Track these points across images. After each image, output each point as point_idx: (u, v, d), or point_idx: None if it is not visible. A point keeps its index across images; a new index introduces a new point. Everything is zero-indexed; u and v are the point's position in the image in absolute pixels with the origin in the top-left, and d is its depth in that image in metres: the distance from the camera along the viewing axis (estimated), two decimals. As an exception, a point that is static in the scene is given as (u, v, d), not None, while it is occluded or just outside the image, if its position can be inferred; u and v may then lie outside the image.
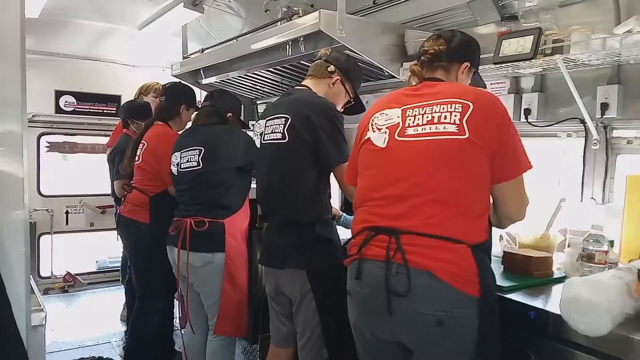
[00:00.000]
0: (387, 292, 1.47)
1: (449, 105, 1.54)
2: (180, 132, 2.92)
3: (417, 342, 1.52)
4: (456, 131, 1.50)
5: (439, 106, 1.56)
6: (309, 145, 2.05)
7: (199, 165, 2.55)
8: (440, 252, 1.45)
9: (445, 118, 1.53)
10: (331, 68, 2.23)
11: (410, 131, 1.58)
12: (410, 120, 1.59)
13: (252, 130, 2.33)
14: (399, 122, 1.62)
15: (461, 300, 1.44)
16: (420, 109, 1.59)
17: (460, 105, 1.53)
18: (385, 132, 1.63)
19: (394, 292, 1.46)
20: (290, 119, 2.09)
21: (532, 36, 1.98)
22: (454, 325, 1.44)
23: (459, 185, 1.49)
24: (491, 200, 1.61)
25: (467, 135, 1.48)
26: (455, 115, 1.51)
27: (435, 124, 1.53)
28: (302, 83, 2.28)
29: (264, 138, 2.20)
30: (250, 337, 2.75)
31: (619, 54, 1.87)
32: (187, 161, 2.60)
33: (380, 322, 1.55)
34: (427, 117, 1.56)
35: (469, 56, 1.77)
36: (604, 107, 2.07)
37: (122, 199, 3.23)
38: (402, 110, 1.63)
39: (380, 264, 1.50)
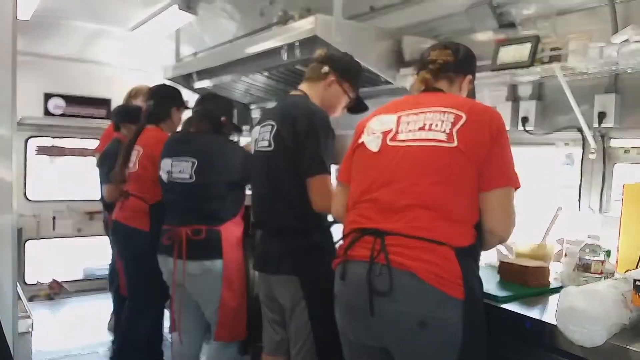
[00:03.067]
0: (370, 292, 1.47)
1: (442, 114, 1.55)
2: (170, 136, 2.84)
3: (400, 344, 1.50)
4: (445, 139, 1.51)
5: (432, 114, 1.57)
6: (294, 152, 2.00)
7: (192, 179, 2.48)
8: (422, 252, 1.45)
9: (436, 126, 1.54)
10: (325, 69, 2.15)
11: (401, 137, 1.60)
12: (403, 126, 1.61)
13: (249, 135, 2.31)
14: (392, 128, 1.63)
15: (444, 302, 1.43)
16: (415, 116, 1.61)
17: (453, 115, 1.54)
18: (379, 137, 1.65)
19: (376, 291, 1.46)
20: (275, 126, 2.06)
21: (530, 44, 1.99)
22: (437, 327, 1.43)
23: (442, 191, 1.50)
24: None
25: (455, 143, 1.50)
26: (447, 125, 1.53)
27: (426, 131, 1.55)
28: (298, 87, 2.24)
29: (257, 145, 2.17)
30: (241, 348, 2.71)
31: (617, 62, 1.87)
32: (180, 172, 2.53)
33: (364, 325, 1.53)
34: (419, 123, 1.58)
35: (472, 69, 1.83)
36: (602, 116, 2.07)
37: (119, 203, 3.07)
38: (397, 116, 1.65)
39: (364, 264, 1.50)
